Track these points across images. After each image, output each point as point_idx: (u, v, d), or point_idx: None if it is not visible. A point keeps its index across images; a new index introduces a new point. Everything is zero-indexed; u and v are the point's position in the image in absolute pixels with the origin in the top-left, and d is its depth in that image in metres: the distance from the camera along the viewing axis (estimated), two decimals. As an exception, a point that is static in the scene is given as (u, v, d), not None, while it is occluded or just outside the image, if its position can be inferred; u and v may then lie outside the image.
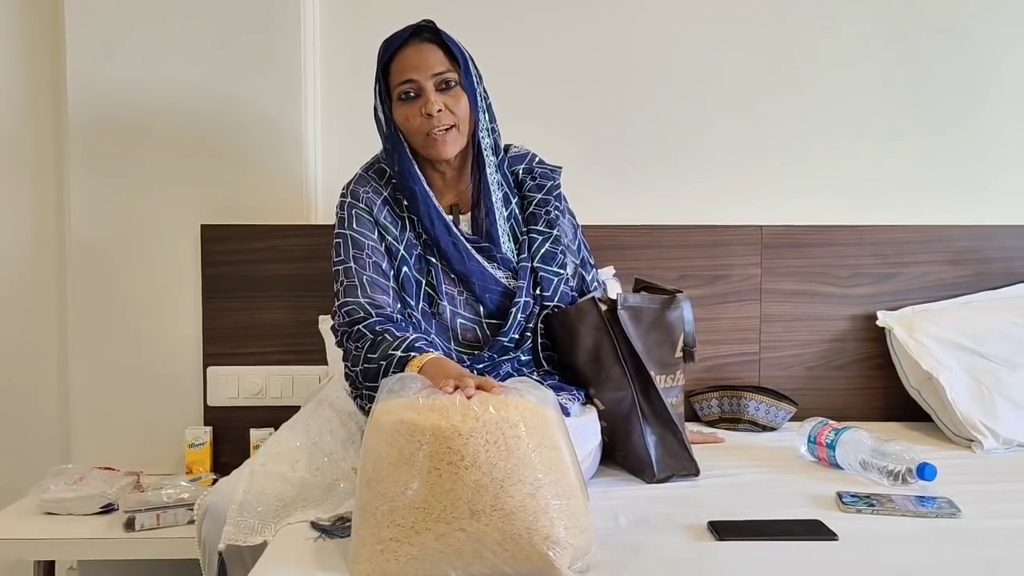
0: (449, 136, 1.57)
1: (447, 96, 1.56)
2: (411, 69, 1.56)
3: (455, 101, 1.57)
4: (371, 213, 1.61)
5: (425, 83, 1.55)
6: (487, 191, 1.62)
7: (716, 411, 2.06)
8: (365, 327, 1.50)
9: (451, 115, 1.56)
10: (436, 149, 1.58)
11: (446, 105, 1.55)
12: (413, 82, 1.55)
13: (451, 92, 1.57)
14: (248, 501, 1.36)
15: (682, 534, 1.25)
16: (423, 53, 1.57)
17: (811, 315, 2.17)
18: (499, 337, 1.58)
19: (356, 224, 1.60)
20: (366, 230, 1.60)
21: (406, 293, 1.58)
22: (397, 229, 1.61)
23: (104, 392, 2.10)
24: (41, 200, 2.16)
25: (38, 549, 1.76)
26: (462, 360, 1.56)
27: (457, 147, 1.59)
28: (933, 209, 2.24)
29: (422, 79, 1.55)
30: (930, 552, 1.19)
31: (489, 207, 1.62)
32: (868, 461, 1.53)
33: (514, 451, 1.07)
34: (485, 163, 1.63)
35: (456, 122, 1.57)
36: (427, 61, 1.56)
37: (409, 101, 1.57)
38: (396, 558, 1.06)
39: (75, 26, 2.06)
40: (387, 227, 1.61)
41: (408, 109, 1.57)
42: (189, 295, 2.10)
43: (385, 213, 1.62)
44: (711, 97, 2.24)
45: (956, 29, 2.25)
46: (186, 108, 2.09)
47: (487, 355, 1.57)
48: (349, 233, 1.60)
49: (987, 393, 1.91)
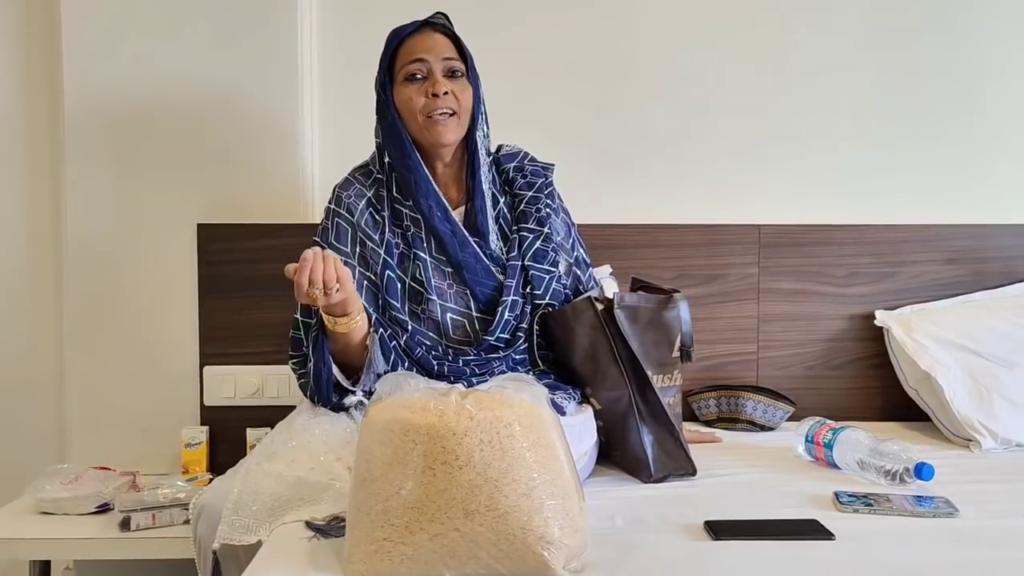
0: (451, 122, 1.58)
1: (454, 83, 1.58)
2: (422, 50, 1.58)
3: (461, 90, 1.59)
4: (352, 219, 1.62)
5: (435, 65, 1.58)
6: (480, 191, 1.63)
7: (714, 411, 2.05)
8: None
9: (456, 101, 1.58)
10: (434, 131, 1.57)
11: (452, 91, 1.57)
12: (423, 61, 1.58)
13: (458, 81, 1.59)
14: (243, 500, 1.35)
15: (678, 534, 1.25)
16: (433, 39, 1.60)
17: (809, 314, 2.17)
18: (486, 336, 1.58)
19: (333, 237, 1.62)
20: (342, 244, 1.61)
21: (389, 296, 1.59)
22: (377, 232, 1.62)
23: (100, 391, 2.10)
24: (37, 198, 2.16)
25: (34, 549, 1.76)
26: (456, 362, 1.56)
27: (456, 135, 1.60)
28: (931, 208, 2.24)
29: (432, 60, 1.58)
30: (928, 552, 1.19)
31: (481, 205, 1.63)
32: (866, 461, 1.53)
33: (509, 451, 1.07)
34: (479, 163, 1.63)
35: (458, 110, 1.59)
36: (437, 46, 1.59)
37: (415, 82, 1.58)
38: (390, 558, 1.05)
39: (71, 23, 2.05)
40: (367, 232, 1.62)
41: (412, 90, 1.58)
42: (186, 294, 2.09)
43: (367, 217, 1.63)
44: (709, 97, 2.23)
45: (954, 29, 2.25)
46: (183, 106, 2.08)
47: (475, 353, 1.57)
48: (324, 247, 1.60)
49: (985, 393, 1.90)
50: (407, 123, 1.61)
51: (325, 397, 1.53)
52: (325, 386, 1.51)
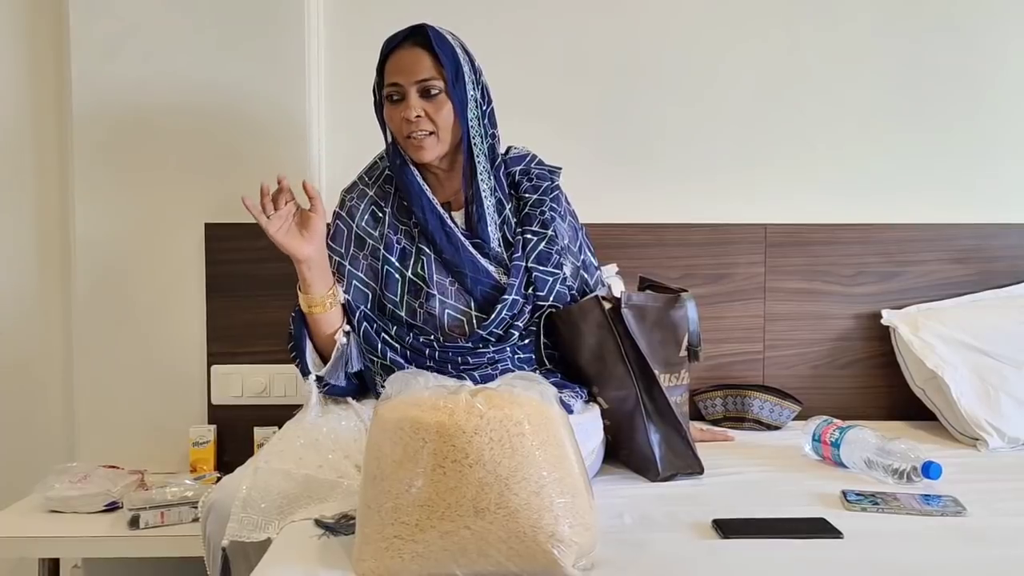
0: (427, 142, 1.61)
1: (429, 103, 1.60)
2: (397, 72, 1.61)
3: (436, 109, 1.60)
4: (351, 222, 1.69)
5: (408, 88, 1.59)
6: (479, 198, 1.65)
7: (720, 410, 2.05)
8: None
9: (430, 122, 1.60)
10: (414, 153, 1.63)
11: (427, 112, 1.59)
12: (398, 86, 1.61)
13: (433, 100, 1.60)
14: (252, 498, 1.36)
15: (686, 532, 1.25)
16: (411, 58, 1.60)
17: (815, 314, 2.17)
18: (479, 330, 1.59)
19: (332, 239, 1.69)
20: (336, 244, 1.69)
21: (387, 290, 1.64)
22: (378, 229, 1.67)
23: (108, 390, 2.10)
24: (45, 199, 2.16)
25: (43, 547, 1.76)
26: (446, 350, 1.59)
27: (435, 153, 1.63)
28: (938, 207, 2.23)
29: (406, 84, 1.59)
30: (935, 551, 1.19)
31: (480, 213, 1.65)
32: (873, 460, 1.53)
33: (518, 449, 1.07)
34: (478, 169, 1.64)
35: (435, 129, 1.61)
36: (413, 67, 1.60)
37: (394, 103, 1.62)
38: (400, 555, 1.06)
39: (79, 25, 2.05)
40: (367, 231, 1.68)
41: (393, 111, 1.63)
42: (193, 293, 2.10)
43: (368, 217, 1.68)
44: (715, 95, 2.23)
45: (961, 27, 2.24)
46: (190, 107, 2.08)
47: (465, 344, 1.60)
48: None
49: (992, 392, 1.90)
50: (395, 137, 1.66)
51: (301, 366, 1.65)
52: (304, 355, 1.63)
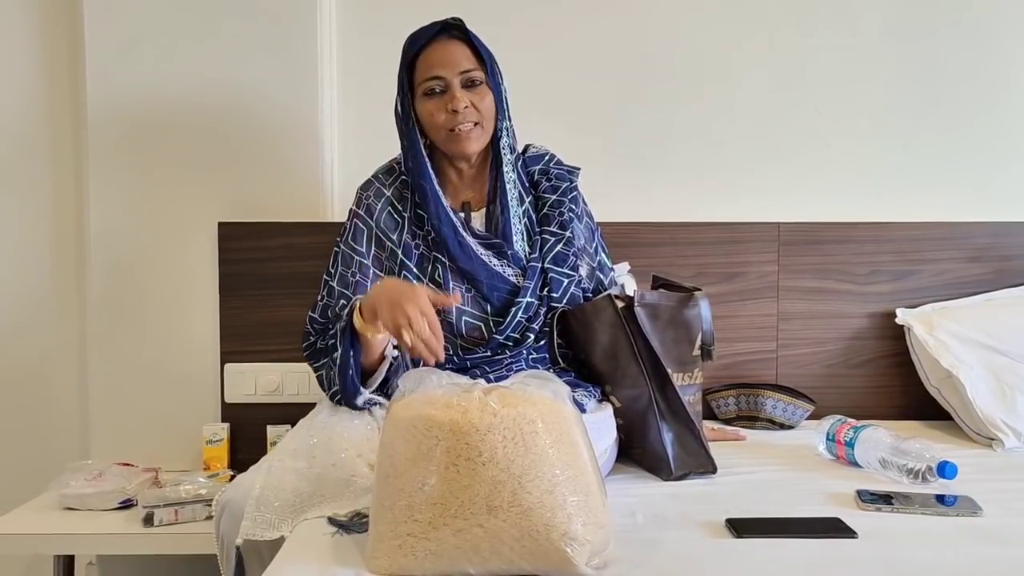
0: (474, 133, 1.59)
1: (473, 93, 1.58)
2: (438, 65, 1.58)
3: (480, 98, 1.59)
4: (370, 220, 1.65)
5: (452, 80, 1.57)
6: (503, 189, 1.64)
7: (733, 409, 2.05)
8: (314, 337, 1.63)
9: (476, 112, 1.59)
10: (460, 145, 1.59)
11: (472, 102, 1.58)
12: (440, 79, 1.58)
13: (477, 90, 1.59)
14: (265, 496, 1.36)
15: (700, 531, 1.25)
16: (451, 50, 1.59)
17: (829, 313, 2.16)
18: (495, 335, 1.58)
19: (352, 239, 1.65)
20: (358, 244, 1.64)
21: None
22: (396, 232, 1.64)
23: (123, 389, 2.12)
24: (60, 198, 2.18)
25: (58, 544, 1.78)
26: (463, 358, 1.58)
27: (481, 144, 1.61)
28: (952, 206, 2.22)
29: (449, 76, 1.57)
30: (951, 551, 1.18)
31: (505, 204, 1.63)
32: (887, 459, 1.52)
33: (532, 447, 1.07)
34: (503, 161, 1.64)
35: (481, 119, 1.59)
36: (455, 58, 1.58)
37: (435, 97, 1.59)
38: (414, 553, 1.06)
39: (94, 24, 2.07)
40: (385, 231, 1.64)
41: (433, 105, 1.59)
42: (206, 292, 2.11)
43: (385, 216, 1.65)
44: (728, 93, 2.23)
45: (975, 25, 2.23)
46: (204, 107, 2.10)
47: (483, 351, 1.58)
48: (343, 249, 1.65)
49: (1008, 391, 1.89)
50: (431, 135, 1.62)
51: (347, 388, 1.53)
52: (351, 379, 1.52)
